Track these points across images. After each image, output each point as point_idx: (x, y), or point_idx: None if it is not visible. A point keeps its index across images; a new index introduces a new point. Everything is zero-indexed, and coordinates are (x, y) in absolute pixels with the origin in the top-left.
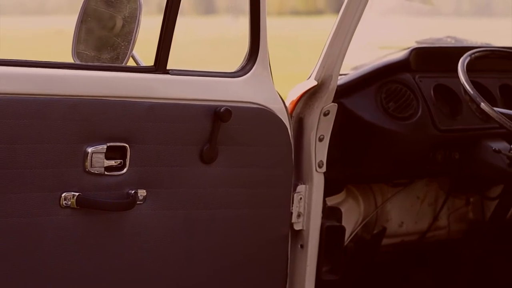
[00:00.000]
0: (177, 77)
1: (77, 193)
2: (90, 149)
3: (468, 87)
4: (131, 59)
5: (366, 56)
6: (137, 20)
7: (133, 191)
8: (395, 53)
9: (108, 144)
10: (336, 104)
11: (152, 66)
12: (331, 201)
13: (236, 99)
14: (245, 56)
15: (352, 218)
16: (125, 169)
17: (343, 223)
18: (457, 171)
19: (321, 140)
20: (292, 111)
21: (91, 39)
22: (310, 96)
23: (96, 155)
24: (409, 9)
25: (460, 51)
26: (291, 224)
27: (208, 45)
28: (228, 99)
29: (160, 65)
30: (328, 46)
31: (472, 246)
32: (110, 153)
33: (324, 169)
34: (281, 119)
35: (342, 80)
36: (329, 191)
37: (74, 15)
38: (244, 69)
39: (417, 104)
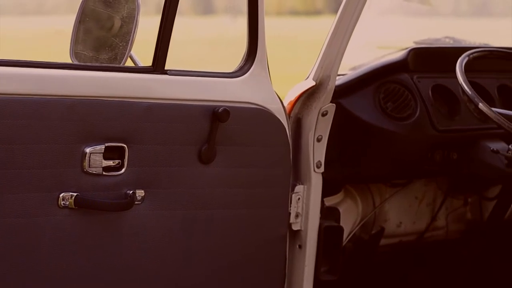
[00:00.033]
0: (175, 77)
1: (75, 194)
2: (88, 150)
3: (466, 88)
4: (129, 60)
5: (365, 56)
6: (135, 21)
7: (131, 191)
8: (393, 53)
9: (106, 145)
10: (334, 105)
11: (150, 67)
12: (329, 201)
13: (234, 99)
14: (243, 56)
15: (350, 218)
16: (123, 169)
17: (341, 223)
18: (455, 171)
19: (319, 141)
20: (290, 111)
21: (89, 40)
22: (308, 96)
23: (94, 156)
24: (408, 9)
25: (458, 52)
26: (289, 224)
27: (207, 45)
28: (226, 99)
29: (158, 65)
30: (326, 46)
31: (470, 246)
32: (108, 153)
33: (322, 169)
34: (279, 119)
35: (340, 80)
36: (327, 191)
37: (73, 15)
38: (242, 69)
39: (415, 105)
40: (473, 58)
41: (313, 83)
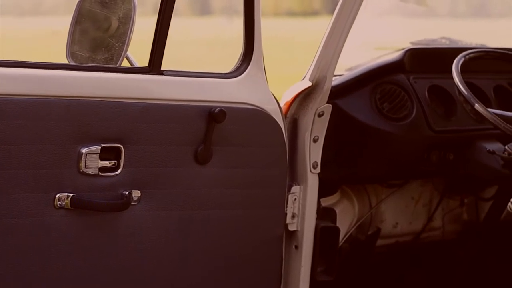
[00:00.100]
0: (172, 78)
1: (71, 194)
2: (84, 150)
3: (463, 88)
4: (126, 60)
5: (361, 57)
6: (132, 21)
7: (128, 192)
8: (390, 54)
9: (103, 145)
10: (331, 105)
11: (146, 67)
12: (326, 202)
13: (231, 100)
14: (240, 57)
15: (347, 219)
16: (119, 170)
17: (338, 224)
18: (452, 172)
19: (316, 141)
20: (287, 112)
21: (86, 40)
22: (305, 97)
23: (91, 156)
24: (404, 10)
25: (455, 52)
26: (286, 225)
27: (203, 46)
28: (223, 100)
29: (154, 66)
30: (323, 47)
31: (467, 247)
32: (105, 154)
33: (319, 170)
34: (276, 120)
35: (337, 81)
36: (324, 192)
37: (70, 16)
38: (239, 70)
39: (412, 105)
40: (469, 59)
41: (310, 84)
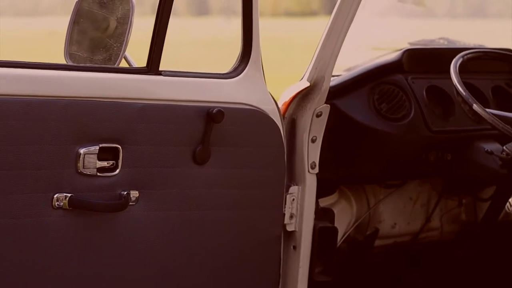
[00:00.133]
0: (170, 78)
1: (70, 194)
2: (83, 150)
3: (461, 89)
4: (124, 60)
5: (359, 57)
6: (130, 21)
7: (126, 192)
8: (388, 54)
9: (101, 145)
10: (329, 105)
11: (144, 67)
12: (324, 202)
13: (229, 100)
14: (238, 57)
15: (345, 219)
16: (118, 170)
17: (336, 224)
18: (450, 172)
19: (314, 141)
20: (285, 112)
21: (84, 40)
22: (303, 97)
23: (89, 156)
24: (402, 11)
25: (453, 53)
26: (284, 225)
27: (201, 46)
28: (221, 100)
29: (153, 66)
30: (321, 47)
31: (465, 247)
32: (103, 154)
33: (317, 170)
34: (274, 120)
35: (335, 81)
36: (322, 192)
37: (68, 16)
38: (237, 70)
39: (410, 105)
40: (468, 59)
41: (308, 84)
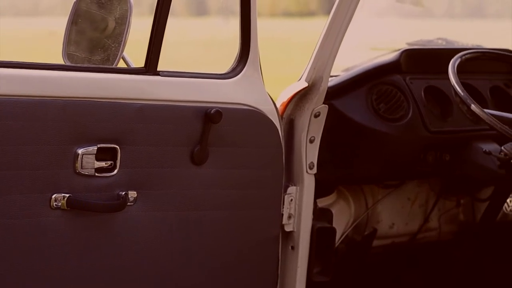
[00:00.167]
0: (168, 79)
1: (68, 195)
2: (81, 151)
3: (459, 89)
4: (122, 61)
5: (357, 58)
6: (128, 22)
7: (124, 193)
8: (386, 55)
9: (99, 146)
10: (327, 106)
11: (143, 68)
12: (322, 203)
13: (227, 101)
14: (236, 58)
15: (343, 220)
16: (116, 171)
17: (334, 225)
18: (448, 173)
19: (312, 142)
20: (283, 113)
21: (82, 41)
22: (301, 98)
23: (87, 157)
24: (400, 11)
25: (451, 53)
26: (282, 226)
27: (199, 47)
28: (219, 101)
29: (151, 67)
30: (319, 48)
31: (463, 248)
32: (101, 155)
33: (315, 171)
34: (272, 121)
35: (333, 82)
36: (320, 193)
37: (67, 17)
38: (235, 71)
39: (408, 106)
40: (466, 60)
41: (306, 84)
